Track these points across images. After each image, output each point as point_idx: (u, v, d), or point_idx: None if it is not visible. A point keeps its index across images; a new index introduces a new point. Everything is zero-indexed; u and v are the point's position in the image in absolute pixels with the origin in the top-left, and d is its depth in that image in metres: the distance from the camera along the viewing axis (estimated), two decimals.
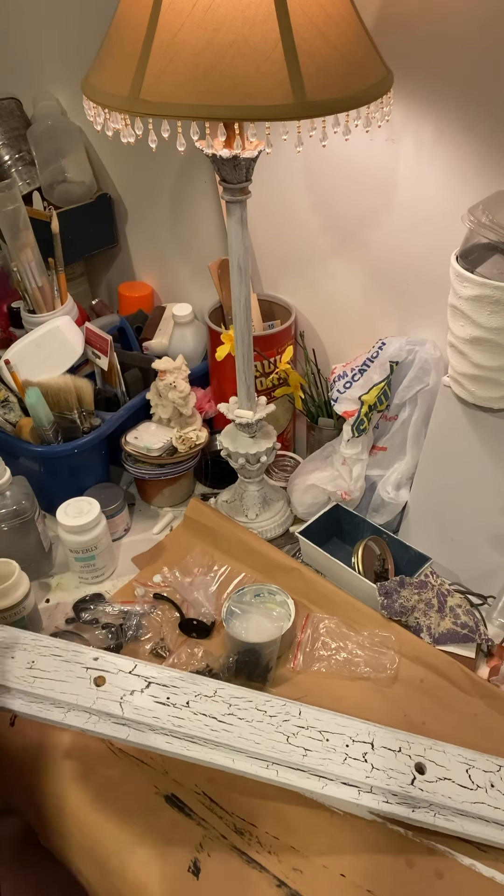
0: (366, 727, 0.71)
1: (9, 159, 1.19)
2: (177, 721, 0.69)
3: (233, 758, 0.69)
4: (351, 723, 0.71)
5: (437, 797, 0.67)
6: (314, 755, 0.68)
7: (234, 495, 1.06)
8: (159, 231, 1.22)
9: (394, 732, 0.71)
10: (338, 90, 0.62)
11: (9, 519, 0.91)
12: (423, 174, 0.85)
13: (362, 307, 1.01)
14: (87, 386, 1.01)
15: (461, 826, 0.66)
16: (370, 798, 0.67)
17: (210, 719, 0.70)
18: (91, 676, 0.71)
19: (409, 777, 0.68)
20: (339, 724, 0.71)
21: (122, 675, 0.72)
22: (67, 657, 0.73)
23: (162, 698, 0.71)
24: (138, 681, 0.72)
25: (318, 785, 0.68)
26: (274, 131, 0.65)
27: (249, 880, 0.66)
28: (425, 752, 0.70)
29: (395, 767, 0.68)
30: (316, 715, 0.71)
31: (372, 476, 1.01)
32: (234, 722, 0.70)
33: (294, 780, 0.68)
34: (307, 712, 0.71)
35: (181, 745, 0.69)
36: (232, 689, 0.73)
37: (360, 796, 0.67)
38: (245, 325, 0.87)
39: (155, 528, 1.08)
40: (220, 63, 0.58)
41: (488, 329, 0.74)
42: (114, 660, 0.73)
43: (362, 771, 0.68)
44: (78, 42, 1.10)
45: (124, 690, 0.71)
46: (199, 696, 0.71)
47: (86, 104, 0.68)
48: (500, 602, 0.88)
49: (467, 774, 0.69)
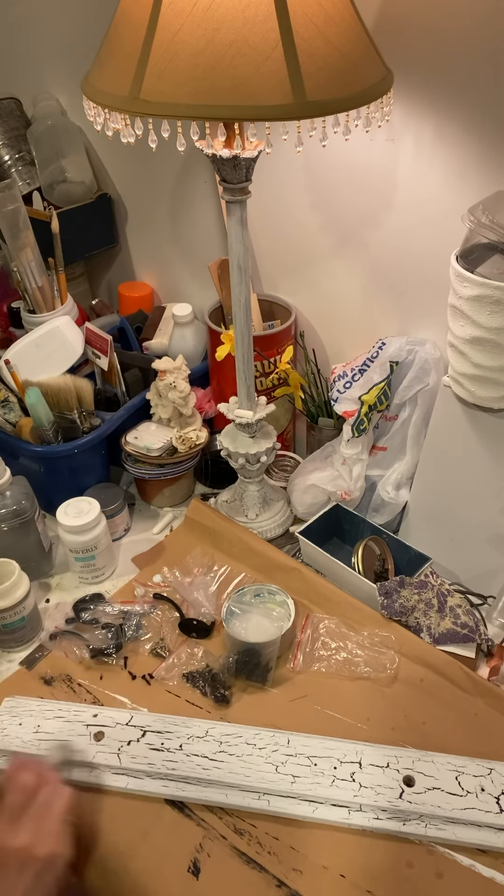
0: (353, 747, 0.73)
1: (9, 159, 1.19)
2: (171, 764, 0.73)
3: (226, 793, 0.71)
4: (339, 745, 0.74)
5: (427, 808, 0.68)
6: (303, 781, 0.71)
7: (234, 495, 1.06)
8: (159, 231, 1.22)
9: (382, 749, 0.73)
10: (338, 90, 0.62)
11: (9, 519, 0.91)
12: (423, 174, 0.85)
13: (362, 307, 1.01)
14: (87, 386, 1.01)
15: (453, 834, 0.67)
16: (360, 816, 0.69)
17: (202, 759, 0.73)
18: (91, 732, 0.76)
19: (397, 791, 0.69)
20: (327, 748, 0.73)
21: (119, 727, 0.76)
22: (69, 717, 0.78)
23: (157, 744, 0.75)
24: (134, 731, 0.76)
25: (308, 810, 0.70)
26: (274, 131, 0.65)
27: (249, 880, 0.66)
28: (413, 764, 0.71)
29: (383, 783, 0.70)
30: (304, 741, 0.74)
31: (372, 476, 1.01)
32: (224, 759, 0.73)
33: (285, 807, 0.70)
34: (295, 740, 0.74)
35: (176, 786, 0.72)
36: (223, 727, 0.76)
37: (350, 816, 0.69)
38: (245, 325, 0.87)
39: (155, 528, 1.08)
40: (220, 63, 0.58)
41: (488, 329, 0.74)
42: (111, 714, 0.78)
43: (350, 791, 0.70)
44: (78, 42, 1.10)
45: (121, 742, 0.75)
46: (191, 738, 0.75)
47: (86, 104, 0.68)
48: (500, 602, 0.88)
49: (457, 781, 0.70)
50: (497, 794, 0.69)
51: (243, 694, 0.82)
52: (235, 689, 0.82)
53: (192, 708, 0.81)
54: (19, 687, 0.84)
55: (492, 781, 0.70)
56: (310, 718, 0.79)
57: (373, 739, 0.76)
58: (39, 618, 0.91)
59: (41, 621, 0.91)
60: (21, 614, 0.86)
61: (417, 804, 0.68)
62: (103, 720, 0.77)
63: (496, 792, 0.69)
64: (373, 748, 0.73)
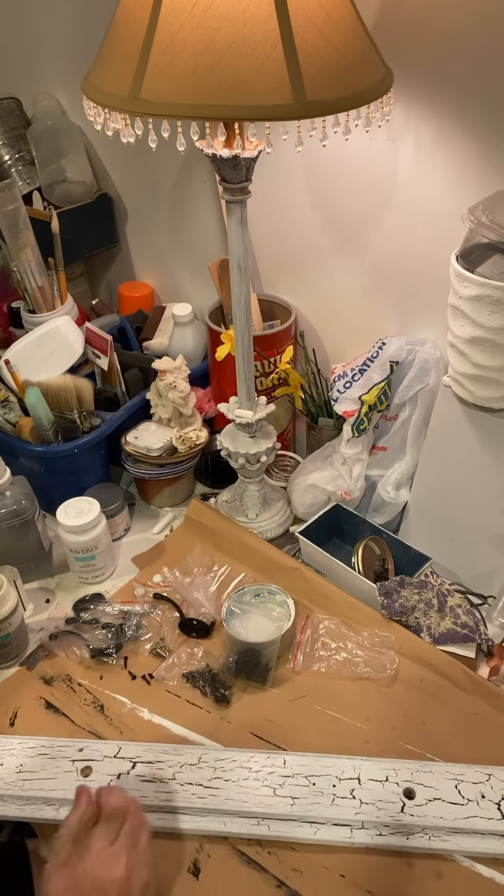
0: (351, 763, 0.71)
1: (9, 159, 1.19)
2: (164, 796, 0.69)
3: (223, 821, 0.69)
4: (336, 762, 0.72)
5: (429, 819, 0.67)
6: (302, 802, 0.68)
7: (234, 495, 1.06)
8: (159, 231, 1.22)
9: (380, 762, 0.71)
10: (338, 90, 0.62)
11: (9, 519, 0.91)
12: (423, 174, 0.85)
13: (362, 307, 1.01)
14: (87, 386, 1.01)
15: (457, 844, 0.66)
16: (363, 834, 0.67)
17: (196, 787, 0.70)
18: (78, 768, 0.72)
19: (398, 805, 0.68)
20: (325, 766, 0.71)
21: (107, 760, 0.73)
22: (53, 754, 0.74)
23: (148, 776, 0.71)
24: (124, 763, 0.72)
25: (310, 832, 0.68)
26: (274, 131, 0.65)
27: (249, 880, 0.66)
28: (412, 775, 0.70)
29: (383, 798, 0.68)
30: (300, 761, 0.72)
31: (372, 476, 1.01)
32: (220, 785, 0.70)
33: (286, 831, 0.68)
34: (291, 760, 0.72)
35: (171, 818, 0.69)
36: (216, 752, 0.73)
37: (353, 834, 0.67)
38: (245, 325, 0.87)
39: (155, 528, 1.08)
40: (220, 63, 0.58)
41: (488, 329, 0.74)
42: (98, 747, 0.74)
43: (351, 808, 0.68)
44: (78, 42, 1.10)
45: (111, 776, 0.71)
46: (183, 766, 0.72)
47: (86, 104, 0.68)
48: (500, 602, 0.88)
49: (457, 790, 0.69)
50: (498, 801, 0.68)
51: (243, 694, 0.82)
52: (235, 689, 0.82)
53: (193, 708, 0.81)
54: (19, 687, 0.84)
55: (491, 787, 0.69)
56: (310, 718, 0.79)
57: (373, 739, 0.76)
58: (26, 635, 0.88)
59: (27, 638, 0.88)
60: (6, 631, 0.83)
61: (420, 817, 0.67)
62: (90, 754, 0.73)
63: (496, 798, 0.68)
64: (370, 762, 0.71)
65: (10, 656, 0.86)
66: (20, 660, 0.87)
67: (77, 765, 0.73)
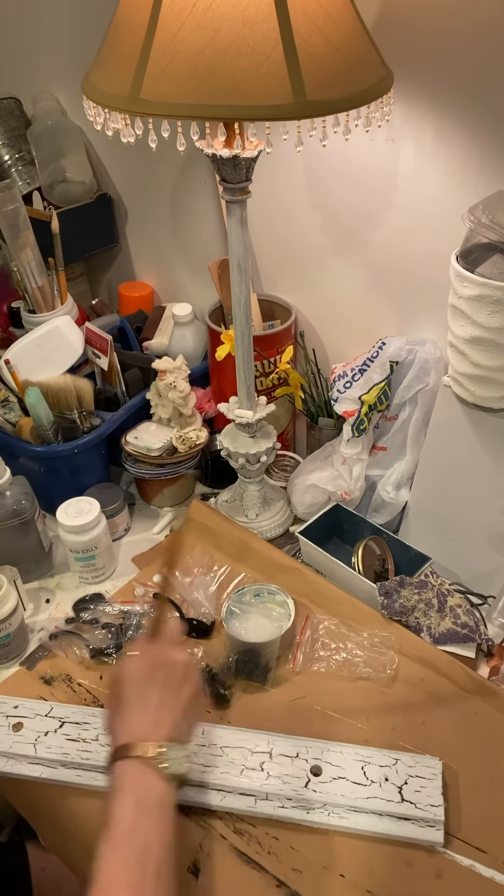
0: (266, 738, 0.75)
1: (9, 159, 1.19)
2: (85, 755, 0.74)
3: None
4: (250, 736, 0.75)
5: (330, 796, 0.69)
6: (214, 770, 0.72)
7: (234, 495, 1.06)
8: (159, 231, 1.22)
9: (294, 740, 0.74)
10: (338, 90, 0.62)
11: (9, 519, 0.91)
12: (424, 174, 0.85)
13: (362, 307, 1.01)
14: (87, 386, 1.01)
15: (354, 822, 0.68)
16: (266, 805, 0.70)
17: None
18: (10, 723, 0.77)
19: (303, 780, 0.71)
20: (240, 739, 0.74)
21: (38, 718, 0.78)
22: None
23: (73, 735, 0.76)
24: (53, 722, 0.77)
25: (217, 798, 0.71)
26: (274, 131, 0.65)
27: (249, 880, 0.66)
28: (322, 754, 0.73)
29: (290, 773, 0.71)
30: (219, 733, 0.75)
31: (372, 476, 1.01)
32: None
33: (193, 795, 0.71)
34: (210, 731, 0.75)
35: (90, 776, 0.73)
36: None
37: (256, 804, 0.70)
38: (245, 325, 0.87)
39: (155, 528, 1.08)
40: (220, 63, 0.58)
41: (488, 329, 0.74)
42: (32, 705, 0.79)
43: (258, 780, 0.71)
44: (78, 42, 1.10)
45: (39, 732, 0.76)
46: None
47: (86, 104, 0.68)
48: (500, 602, 0.88)
49: (362, 771, 0.71)
50: (400, 784, 0.70)
51: (243, 694, 0.82)
52: (235, 689, 0.82)
53: None
54: (19, 687, 0.83)
55: (396, 772, 0.71)
56: (310, 718, 0.79)
57: (373, 740, 0.76)
58: (26, 635, 0.88)
59: (27, 639, 0.89)
60: (6, 631, 0.83)
61: (322, 793, 0.70)
62: (23, 711, 0.78)
63: (399, 782, 0.70)
64: (285, 739, 0.74)
65: (10, 656, 0.86)
66: (20, 660, 0.87)
67: (10, 720, 0.77)
